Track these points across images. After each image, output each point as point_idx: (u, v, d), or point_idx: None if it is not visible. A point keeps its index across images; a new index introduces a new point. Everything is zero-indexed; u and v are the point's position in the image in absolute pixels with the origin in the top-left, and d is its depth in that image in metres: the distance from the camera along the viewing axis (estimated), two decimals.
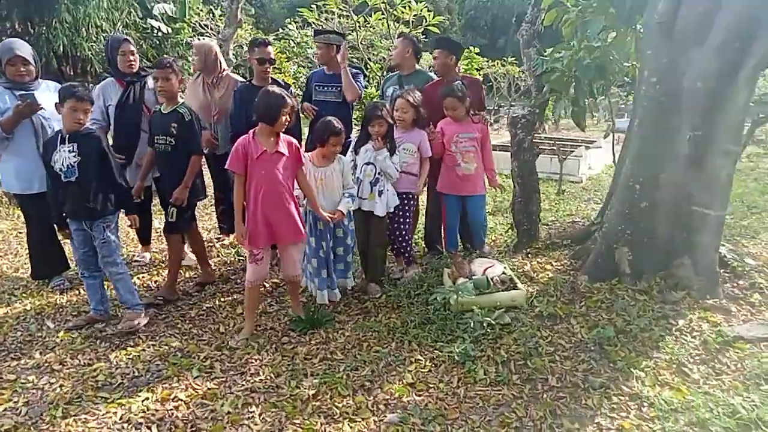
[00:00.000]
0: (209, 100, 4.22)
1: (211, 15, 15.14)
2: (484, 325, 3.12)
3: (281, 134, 3.20)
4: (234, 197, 3.23)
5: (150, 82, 4.07)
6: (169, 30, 16.51)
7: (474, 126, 4.11)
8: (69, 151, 3.16)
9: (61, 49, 14.78)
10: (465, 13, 29.34)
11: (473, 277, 3.53)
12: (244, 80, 4.41)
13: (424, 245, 4.65)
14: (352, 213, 3.67)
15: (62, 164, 3.16)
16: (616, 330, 3.03)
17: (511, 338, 3.07)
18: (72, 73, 15.81)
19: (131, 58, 3.98)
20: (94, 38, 15.40)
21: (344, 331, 3.34)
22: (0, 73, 3.59)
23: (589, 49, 4.29)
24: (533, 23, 4.79)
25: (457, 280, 3.59)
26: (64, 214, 3.31)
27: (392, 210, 3.87)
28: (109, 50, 4.06)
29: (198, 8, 15.28)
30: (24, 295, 3.86)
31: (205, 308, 3.71)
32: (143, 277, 4.22)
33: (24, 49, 3.56)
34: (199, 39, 15.61)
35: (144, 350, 3.16)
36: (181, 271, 4.17)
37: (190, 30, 16.25)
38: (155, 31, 16.25)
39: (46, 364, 2.99)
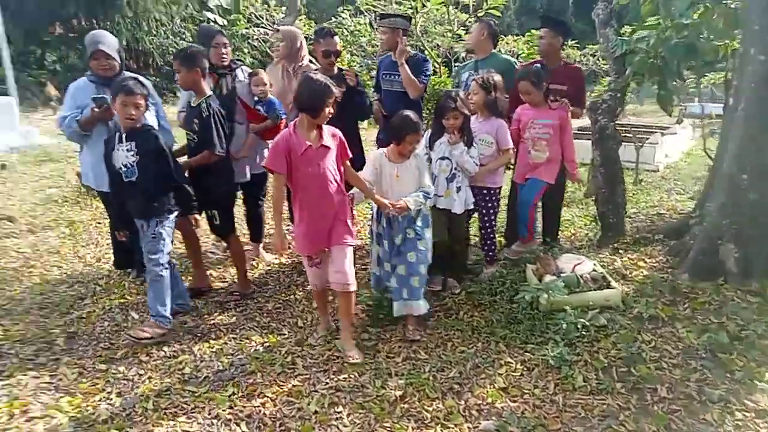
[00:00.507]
0: (286, 88, 4.15)
1: (265, 5, 15.21)
2: (578, 326, 2.92)
3: (323, 126, 2.90)
4: (273, 200, 2.94)
5: (240, 75, 4.04)
6: (225, 22, 16.79)
7: (551, 112, 3.83)
8: (127, 150, 3.04)
9: (125, 43, 15.36)
10: None
11: (561, 275, 3.32)
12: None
13: (503, 240, 4.44)
14: (429, 218, 3.30)
15: (121, 164, 3.06)
16: (729, 336, 2.78)
17: (609, 342, 2.86)
18: (136, 67, 16.41)
19: (224, 50, 3.93)
20: (154, 32, 15.91)
21: (426, 329, 3.22)
22: (87, 65, 3.61)
23: (677, 27, 3.94)
24: (609, 2, 4.47)
25: (543, 278, 3.40)
26: (122, 214, 3.22)
27: (471, 207, 3.66)
28: (201, 42, 4.04)
29: None
30: (108, 284, 3.95)
31: (281, 301, 3.69)
32: (219, 269, 4.24)
33: (108, 42, 3.54)
34: (254, 30, 15.81)
35: (226, 343, 3.15)
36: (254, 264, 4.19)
37: (245, 21, 16.45)
38: (211, 23, 16.58)
39: (134, 355, 3.03)
